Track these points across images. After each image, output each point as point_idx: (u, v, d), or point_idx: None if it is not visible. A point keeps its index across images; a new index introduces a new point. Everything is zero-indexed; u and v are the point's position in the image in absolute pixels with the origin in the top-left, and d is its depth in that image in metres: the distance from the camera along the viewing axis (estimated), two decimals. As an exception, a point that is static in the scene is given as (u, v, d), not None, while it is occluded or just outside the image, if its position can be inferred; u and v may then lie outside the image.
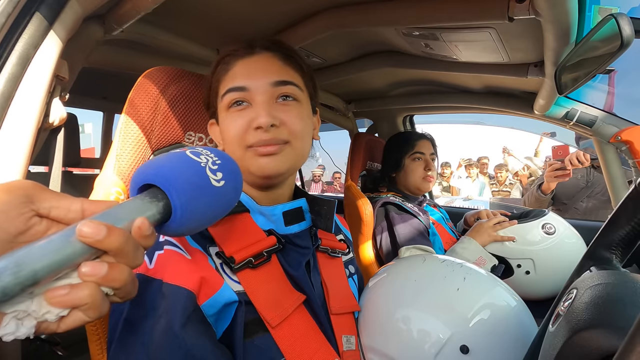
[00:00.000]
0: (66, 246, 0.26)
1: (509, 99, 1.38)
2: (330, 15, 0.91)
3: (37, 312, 0.27)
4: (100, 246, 0.27)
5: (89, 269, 0.27)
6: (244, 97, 0.57)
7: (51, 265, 0.25)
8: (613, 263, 0.46)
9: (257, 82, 0.57)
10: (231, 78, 0.58)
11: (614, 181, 1.27)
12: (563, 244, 1.14)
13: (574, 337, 0.33)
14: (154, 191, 0.33)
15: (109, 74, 1.49)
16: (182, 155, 0.37)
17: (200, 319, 0.46)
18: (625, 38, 0.66)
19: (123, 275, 0.29)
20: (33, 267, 0.25)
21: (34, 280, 0.25)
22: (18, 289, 0.24)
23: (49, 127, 0.65)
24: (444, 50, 1.03)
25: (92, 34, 0.74)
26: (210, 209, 0.36)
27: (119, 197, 0.61)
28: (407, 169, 1.34)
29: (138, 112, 0.65)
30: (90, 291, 0.27)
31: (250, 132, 0.56)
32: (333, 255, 0.67)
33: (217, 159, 0.38)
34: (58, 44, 0.60)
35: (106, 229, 0.27)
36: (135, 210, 0.31)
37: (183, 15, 0.92)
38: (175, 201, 0.33)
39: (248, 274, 0.53)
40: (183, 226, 0.34)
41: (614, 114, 1.20)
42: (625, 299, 0.34)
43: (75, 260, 0.27)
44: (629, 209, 0.43)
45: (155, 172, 0.34)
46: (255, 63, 0.59)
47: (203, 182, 0.35)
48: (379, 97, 1.69)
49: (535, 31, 0.79)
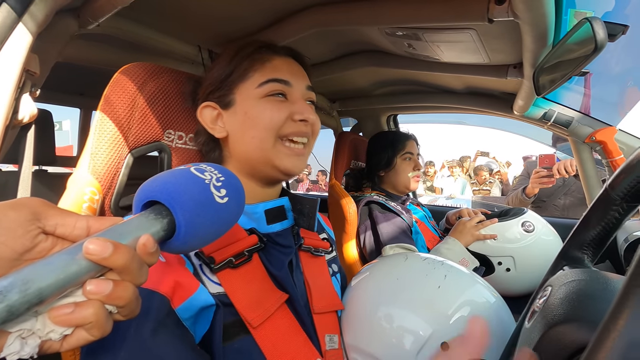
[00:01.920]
0: (72, 264, 0.26)
1: (490, 100, 1.41)
2: (314, 13, 0.91)
3: (42, 330, 0.26)
4: (106, 263, 0.27)
5: (94, 287, 0.27)
6: (285, 90, 0.60)
7: (57, 283, 0.25)
8: (585, 262, 0.47)
9: (298, 81, 0.62)
10: (273, 69, 0.61)
11: (589, 180, 1.31)
12: (541, 241, 1.17)
13: (550, 331, 0.34)
14: (158, 208, 0.33)
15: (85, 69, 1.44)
16: (186, 172, 0.36)
17: (175, 323, 0.45)
18: (599, 41, 0.68)
19: (128, 292, 0.29)
20: (39, 285, 0.24)
21: (40, 298, 0.25)
22: (24, 308, 0.24)
23: (18, 124, 0.62)
24: (426, 51, 1.04)
25: (66, 27, 0.71)
26: (213, 226, 0.36)
27: (93, 197, 0.59)
28: (399, 169, 1.36)
29: (114, 109, 0.62)
30: (95, 309, 0.27)
31: (288, 123, 0.59)
32: (316, 254, 0.67)
33: (220, 175, 0.38)
34: (27, 37, 0.57)
35: (112, 246, 0.27)
36: (140, 227, 0.31)
37: (164, 11, 0.90)
38: (179, 218, 0.33)
39: (228, 274, 0.52)
40: (186, 243, 0.34)
41: (589, 115, 1.24)
42: (596, 295, 0.35)
43: (81, 278, 0.27)
44: (600, 210, 0.45)
45: (160, 189, 0.34)
46: (293, 64, 0.64)
47: (207, 199, 0.35)
48: (363, 96, 1.69)
49: (514, 33, 0.80)
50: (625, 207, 0.44)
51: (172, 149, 0.69)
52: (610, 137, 1.18)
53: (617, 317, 0.20)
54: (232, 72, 0.61)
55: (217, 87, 0.62)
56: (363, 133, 1.89)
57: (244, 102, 0.60)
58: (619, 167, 0.42)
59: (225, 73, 0.62)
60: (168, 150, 0.69)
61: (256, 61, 0.61)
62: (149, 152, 0.68)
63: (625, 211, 0.44)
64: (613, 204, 0.44)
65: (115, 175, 0.64)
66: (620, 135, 1.18)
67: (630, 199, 0.43)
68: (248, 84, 0.60)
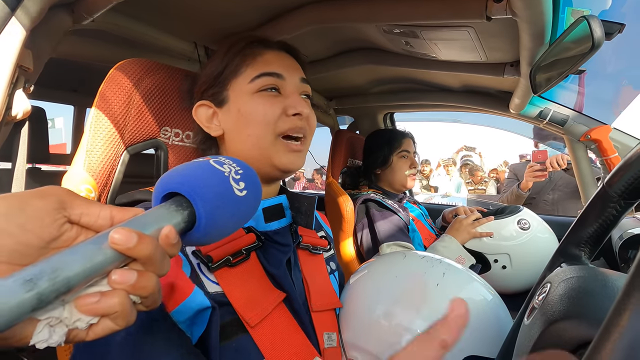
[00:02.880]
0: (98, 253, 0.26)
1: (486, 98, 1.41)
2: (311, 10, 0.90)
3: (69, 319, 0.26)
4: (131, 253, 0.27)
5: (120, 277, 0.27)
6: (278, 84, 0.59)
7: (84, 272, 0.25)
8: (582, 259, 0.48)
9: (291, 73, 0.60)
10: (265, 63, 0.59)
11: (584, 178, 1.32)
12: (537, 238, 1.18)
13: (550, 327, 0.34)
14: (179, 199, 0.33)
15: (79, 65, 1.42)
16: (205, 164, 0.37)
17: (170, 327, 0.44)
18: (596, 40, 0.68)
19: (151, 283, 0.29)
20: (67, 273, 0.25)
21: (68, 287, 0.25)
22: (54, 296, 0.24)
23: (11, 121, 0.61)
24: (423, 49, 1.04)
25: (60, 22, 0.70)
26: (232, 219, 0.36)
27: (89, 195, 0.58)
28: (395, 166, 1.36)
29: (110, 106, 0.62)
30: (120, 299, 0.27)
31: (283, 119, 0.58)
32: (314, 252, 0.67)
33: (239, 168, 0.38)
34: (21, 32, 0.56)
35: (137, 236, 0.27)
36: (162, 219, 0.31)
37: (160, 7, 0.89)
38: (200, 210, 0.33)
39: (226, 273, 0.52)
40: (207, 235, 0.34)
41: (584, 113, 1.25)
42: (595, 291, 0.35)
43: (106, 268, 0.27)
44: (597, 207, 0.45)
45: (181, 181, 0.34)
46: (285, 57, 0.62)
47: (227, 192, 0.35)
48: (360, 95, 1.69)
49: (511, 31, 0.80)
50: (623, 204, 0.44)
51: (168, 146, 0.69)
52: (605, 136, 1.19)
53: (619, 315, 0.20)
54: (225, 68, 0.60)
55: (211, 85, 0.61)
56: (360, 131, 1.89)
57: (237, 99, 0.59)
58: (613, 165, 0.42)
59: (218, 70, 0.61)
60: (165, 148, 0.68)
61: (248, 56, 0.60)
62: (145, 149, 0.67)
63: (623, 208, 0.45)
64: (610, 202, 0.44)
65: (111, 173, 0.63)
66: (615, 133, 1.19)
67: (628, 196, 0.43)
68: (240, 79, 0.59)
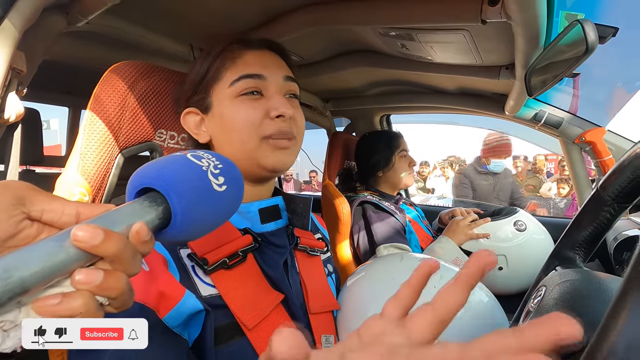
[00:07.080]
0: (59, 251, 0.24)
1: (482, 100, 1.42)
2: (307, 12, 0.90)
3: None
4: (96, 252, 0.25)
5: (84, 277, 0.25)
6: (259, 85, 0.57)
7: (42, 272, 0.24)
8: (576, 262, 0.48)
9: (273, 72, 0.58)
10: (244, 65, 0.58)
11: (579, 180, 1.33)
12: (533, 240, 1.18)
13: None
14: (153, 195, 0.31)
15: (74, 67, 1.41)
16: (182, 158, 0.35)
17: (163, 332, 0.44)
18: (590, 43, 0.69)
19: (120, 283, 0.27)
20: (22, 274, 0.23)
21: (23, 288, 0.23)
22: (6, 298, 0.22)
23: (4, 123, 0.61)
24: (419, 51, 1.04)
25: (54, 24, 0.69)
26: (211, 215, 0.35)
27: (83, 199, 0.58)
28: (397, 166, 1.38)
29: (104, 109, 0.61)
30: (84, 300, 0.25)
31: (266, 122, 0.56)
32: (312, 253, 0.66)
33: (218, 162, 0.36)
34: (14, 34, 0.56)
35: (103, 233, 0.25)
36: (134, 215, 0.29)
37: (155, 9, 0.88)
38: (175, 206, 0.31)
39: (222, 275, 0.52)
40: (184, 232, 0.32)
41: (579, 116, 1.26)
42: (590, 294, 0.35)
43: (69, 267, 0.25)
44: (592, 211, 0.45)
45: (155, 175, 0.32)
46: (267, 56, 0.60)
47: (204, 187, 0.33)
48: (356, 97, 1.69)
49: (506, 34, 0.81)
50: (617, 207, 0.44)
51: (163, 149, 0.68)
52: (600, 138, 1.20)
53: (615, 317, 0.20)
54: (206, 73, 0.59)
55: (195, 92, 0.60)
56: (356, 133, 1.89)
57: (219, 105, 0.58)
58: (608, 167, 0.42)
59: (200, 75, 0.60)
60: (160, 150, 0.68)
61: (227, 59, 0.58)
62: (140, 152, 0.67)
63: (617, 211, 0.45)
64: (605, 205, 0.45)
65: (105, 176, 0.63)
66: (609, 136, 1.20)
67: (621, 199, 0.44)
68: (221, 84, 0.58)
